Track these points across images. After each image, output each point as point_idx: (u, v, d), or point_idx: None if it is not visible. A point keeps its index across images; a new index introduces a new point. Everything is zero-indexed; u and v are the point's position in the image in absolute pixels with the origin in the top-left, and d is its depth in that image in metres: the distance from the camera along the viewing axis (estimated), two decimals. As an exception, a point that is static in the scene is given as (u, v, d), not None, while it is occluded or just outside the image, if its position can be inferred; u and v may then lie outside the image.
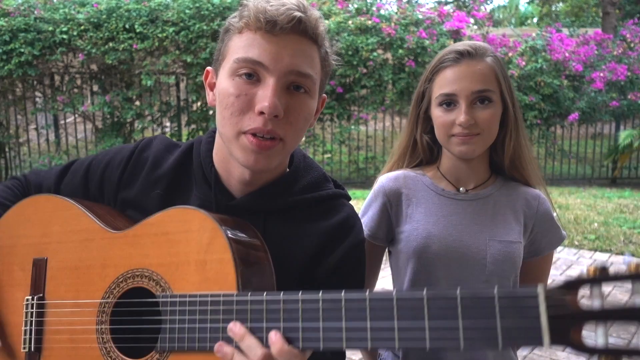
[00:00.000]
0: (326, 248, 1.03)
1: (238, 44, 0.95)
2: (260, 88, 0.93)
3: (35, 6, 7.26)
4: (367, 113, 7.99)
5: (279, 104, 0.92)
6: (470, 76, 1.25)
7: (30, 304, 1.05)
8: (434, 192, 1.35)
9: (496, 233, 1.31)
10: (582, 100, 8.03)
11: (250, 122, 0.93)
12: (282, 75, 0.93)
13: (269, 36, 0.92)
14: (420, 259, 1.30)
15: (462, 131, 1.24)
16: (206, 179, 1.05)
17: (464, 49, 1.26)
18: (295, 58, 0.93)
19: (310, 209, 1.06)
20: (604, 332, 0.71)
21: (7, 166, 7.92)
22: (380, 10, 8.16)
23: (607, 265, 0.74)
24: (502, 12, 25.49)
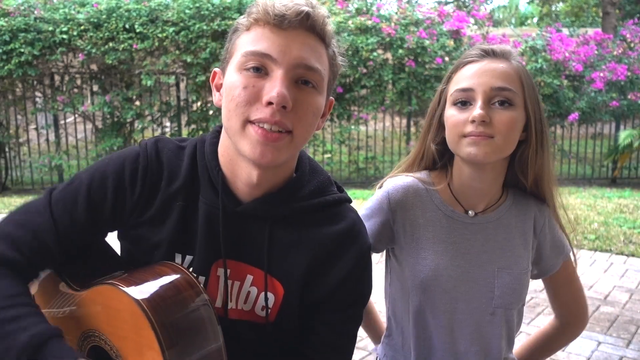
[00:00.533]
0: (332, 256, 1.03)
1: (246, 39, 0.95)
2: (268, 81, 0.92)
3: (35, 6, 7.25)
4: (367, 113, 7.99)
5: (287, 94, 0.91)
6: (491, 72, 1.15)
7: None
8: (443, 213, 1.25)
9: (505, 263, 1.24)
10: (582, 100, 8.03)
11: (258, 112, 0.92)
12: (290, 68, 0.92)
13: (277, 30, 0.93)
14: (427, 290, 1.24)
15: (474, 129, 1.12)
16: (212, 184, 1.02)
17: (489, 48, 1.18)
18: (303, 51, 0.93)
19: (316, 215, 1.04)
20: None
21: (7, 166, 7.92)
22: (380, 10, 8.15)
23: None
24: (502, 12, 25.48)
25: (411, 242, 1.26)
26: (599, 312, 3.54)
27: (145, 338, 0.87)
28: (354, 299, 1.06)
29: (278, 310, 1.03)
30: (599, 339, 3.16)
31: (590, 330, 3.26)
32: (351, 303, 1.05)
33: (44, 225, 0.97)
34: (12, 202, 6.71)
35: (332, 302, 1.04)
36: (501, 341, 1.28)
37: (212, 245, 1.01)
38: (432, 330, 1.28)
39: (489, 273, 1.24)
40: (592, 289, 3.93)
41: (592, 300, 3.72)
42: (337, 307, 1.04)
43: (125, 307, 0.89)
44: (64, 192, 1.00)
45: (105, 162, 1.03)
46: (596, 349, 3.04)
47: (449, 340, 1.27)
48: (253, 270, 1.02)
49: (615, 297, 3.80)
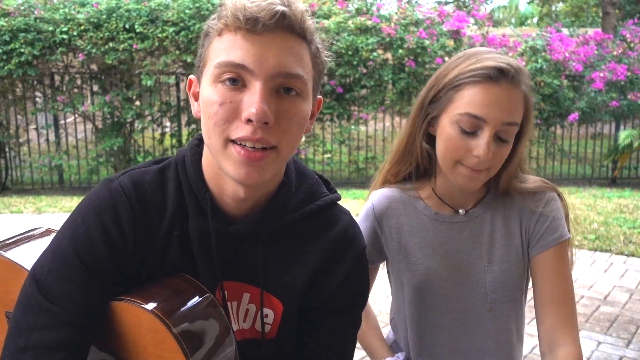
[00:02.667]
0: (329, 263, 1.00)
1: (218, 47, 0.86)
2: (246, 93, 0.84)
3: (35, 6, 7.25)
4: (367, 113, 7.98)
5: (267, 109, 0.83)
6: (506, 104, 1.09)
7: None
8: (427, 217, 1.25)
9: (495, 256, 1.23)
10: (582, 100, 8.03)
11: (238, 130, 0.84)
12: (269, 78, 0.84)
13: (251, 36, 0.83)
14: (421, 294, 1.25)
15: (475, 164, 1.11)
16: (200, 207, 0.95)
17: (507, 68, 1.10)
18: (281, 58, 0.84)
19: (309, 223, 1.00)
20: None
21: (7, 166, 7.92)
22: (380, 10, 8.14)
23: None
24: (502, 12, 25.48)
25: (399, 250, 1.27)
26: (598, 312, 3.54)
27: (168, 350, 0.86)
28: (353, 302, 1.04)
29: (279, 325, 1.01)
30: (599, 339, 3.16)
31: (590, 330, 3.26)
32: (350, 305, 1.04)
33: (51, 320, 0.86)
34: (12, 202, 6.71)
35: (330, 306, 1.02)
36: (509, 336, 1.27)
37: (210, 267, 0.97)
38: (431, 332, 1.28)
39: (480, 269, 1.23)
40: (592, 289, 3.94)
41: (592, 300, 3.72)
42: (336, 311, 1.02)
43: (144, 322, 0.87)
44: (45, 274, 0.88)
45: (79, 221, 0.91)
46: (596, 349, 3.04)
47: (450, 340, 1.27)
48: (249, 288, 0.99)
49: (615, 297, 3.80)
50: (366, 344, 1.38)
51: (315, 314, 1.02)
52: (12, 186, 7.98)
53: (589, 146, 8.98)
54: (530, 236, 1.23)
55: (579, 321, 3.45)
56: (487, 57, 1.12)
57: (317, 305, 1.01)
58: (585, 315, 3.49)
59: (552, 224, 1.21)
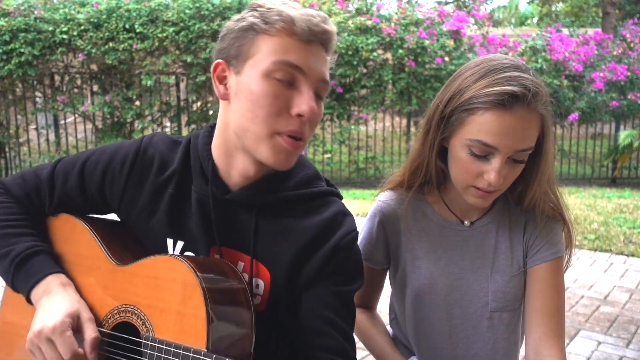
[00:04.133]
0: (315, 243, 1.04)
1: (272, 45, 0.97)
2: (296, 92, 0.98)
3: (35, 6, 7.25)
4: (367, 113, 7.99)
5: (317, 108, 0.99)
6: (519, 132, 1.06)
7: None
8: (434, 222, 1.26)
9: (498, 266, 1.24)
10: (582, 100, 8.03)
11: (287, 123, 0.98)
12: (315, 83, 0.99)
13: (304, 44, 0.97)
14: (423, 298, 1.26)
15: (487, 187, 1.11)
16: (203, 173, 1.07)
17: (522, 93, 1.05)
18: (323, 67, 1.01)
19: (302, 205, 1.08)
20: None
21: (7, 166, 7.92)
22: (380, 10, 8.15)
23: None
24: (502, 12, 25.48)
25: (405, 252, 1.28)
26: (599, 312, 3.54)
27: (192, 307, 0.92)
28: (341, 277, 1.05)
29: (268, 296, 1.05)
30: (599, 339, 3.16)
31: (590, 330, 3.26)
32: (338, 280, 1.05)
33: (45, 178, 1.15)
34: (12, 202, 6.71)
35: (319, 279, 1.04)
36: (506, 345, 1.28)
37: (206, 231, 1.06)
38: (431, 336, 1.29)
39: (482, 278, 1.24)
40: (592, 289, 3.94)
41: (592, 301, 3.72)
42: (325, 284, 1.04)
43: (179, 275, 0.95)
44: (70, 158, 1.16)
45: (110, 145, 1.16)
46: (596, 349, 3.04)
47: (449, 345, 1.28)
48: (243, 256, 1.06)
49: (615, 297, 3.80)
50: (377, 351, 1.37)
51: (305, 288, 1.05)
52: (12, 186, 7.97)
53: (589, 146, 8.98)
54: (528, 248, 1.25)
55: (579, 321, 3.44)
56: (502, 78, 1.07)
57: (306, 279, 1.05)
58: (585, 315, 3.49)
59: (551, 240, 1.23)
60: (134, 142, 1.14)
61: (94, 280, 1.08)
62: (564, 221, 1.26)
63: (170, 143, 1.13)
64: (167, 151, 1.12)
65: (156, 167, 1.10)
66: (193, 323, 0.91)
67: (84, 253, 1.11)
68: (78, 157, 1.16)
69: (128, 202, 1.12)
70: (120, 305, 1.03)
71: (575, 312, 3.53)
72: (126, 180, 1.11)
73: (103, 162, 1.12)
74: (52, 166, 1.17)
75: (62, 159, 1.18)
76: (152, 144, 1.12)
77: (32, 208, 1.16)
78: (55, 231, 1.16)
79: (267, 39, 0.98)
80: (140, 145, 1.12)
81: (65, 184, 1.14)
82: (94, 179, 1.12)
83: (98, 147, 1.18)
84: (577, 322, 3.37)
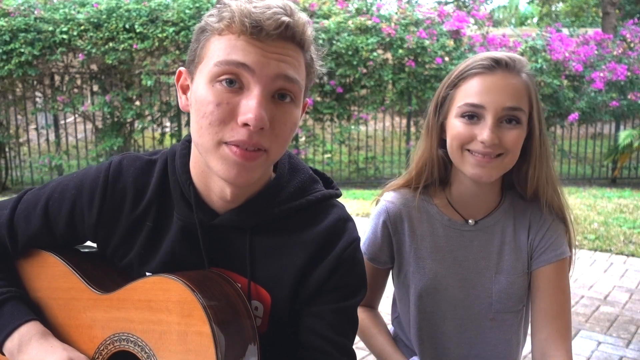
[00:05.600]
0: (316, 256, 0.99)
1: (218, 46, 0.87)
2: (243, 97, 0.85)
3: (35, 6, 7.25)
4: (367, 113, 7.99)
5: (265, 115, 0.85)
6: (504, 89, 1.10)
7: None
8: (439, 223, 1.26)
9: (502, 267, 1.24)
10: (582, 100, 8.03)
11: (233, 133, 0.86)
12: (268, 83, 0.86)
13: (253, 41, 0.85)
14: (427, 298, 1.26)
15: (483, 150, 1.11)
16: (185, 199, 0.98)
17: (502, 58, 1.12)
18: (282, 63, 0.87)
19: (298, 216, 1.00)
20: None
21: (7, 166, 7.92)
22: (380, 10, 8.15)
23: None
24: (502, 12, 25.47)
25: (409, 252, 1.28)
26: (598, 312, 3.54)
27: (194, 325, 0.87)
28: (344, 291, 1.01)
29: (268, 318, 1.01)
30: (599, 339, 3.16)
31: (590, 330, 3.26)
32: (341, 296, 1.00)
33: (4, 222, 1.05)
34: (12, 202, 6.71)
35: (321, 295, 0.99)
36: (509, 347, 1.28)
37: (195, 257, 0.99)
38: (434, 336, 1.29)
39: (486, 279, 1.25)
40: (592, 289, 3.94)
41: (592, 300, 3.72)
42: (327, 300, 0.99)
43: (173, 295, 0.90)
44: (31, 197, 1.06)
45: (74, 175, 1.05)
46: (596, 349, 3.04)
47: (452, 345, 1.28)
48: (239, 278, 1.00)
49: (615, 297, 3.80)
50: (378, 351, 1.36)
51: (307, 304, 1.00)
52: (12, 186, 7.97)
53: (589, 146, 8.98)
54: (533, 250, 1.25)
55: (579, 321, 3.44)
56: (483, 53, 1.16)
57: (308, 295, 1.00)
58: (585, 315, 3.49)
59: (555, 242, 1.24)
60: (99, 171, 1.02)
61: (75, 313, 1.00)
62: (565, 222, 1.27)
63: (143, 165, 1.02)
64: (140, 176, 1.01)
65: (130, 199, 1.00)
66: (198, 340, 0.87)
67: (60, 286, 1.02)
68: (39, 195, 1.04)
69: (102, 239, 1.03)
70: (112, 335, 0.96)
71: (575, 312, 3.53)
72: (97, 218, 1.00)
73: (68, 200, 1.01)
74: (11, 207, 1.06)
75: (22, 197, 1.07)
76: (122, 172, 1.01)
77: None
78: (24, 267, 1.07)
79: (216, 41, 0.87)
80: (109, 174, 1.01)
81: (27, 227, 1.04)
82: (60, 219, 1.02)
83: (60, 180, 1.05)
84: (577, 322, 3.37)
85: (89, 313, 0.99)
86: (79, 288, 1.01)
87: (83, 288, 1.00)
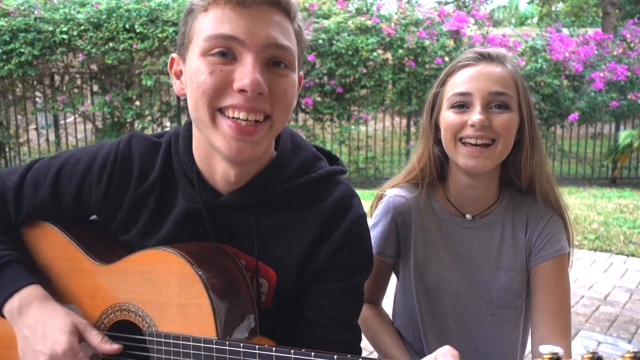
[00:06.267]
0: (322, 234, 0.99)
1: (205, 22, 0.87)
2: (237, 66, 0.85)
3: (35, 6, 7.25)
4: (367, 113, 7.98)
5: (261, 79, 0.84)
6: (488, 76, 1.15)
7: None
8: (441, 218, 1.28)
9: (502, 263, 1.25)
10: (582, 100, 8.02)
11: (228, 98, 0.85)
12: (260, 50, 0.85)
13: (239, 9, 0.85)
14: (428, 293, 1.28)
15: (474, 134, 1.14)
16: (188, 179, 0.99)
17: (484, 51, 1.18)
18: (271, 30, 0.86)
19: (303, 194, 1.00)
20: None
21: (7, 165, 7.92)
22: (380, 10, 8.15)
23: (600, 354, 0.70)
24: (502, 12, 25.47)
25: (413, 247, 1.29)
26: (599, 312, 3.54)
27: (193, 297, 0.89)
28: (350, 269, 1.01)
29: (273, 295, 1.01)
30: (599, 338, 3.16)
31: (590, 330, 3.26)
32: (347, 273, 1.01)
33: (12, 186, 1.05)
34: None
35: (327, 272, 1.00)
36: (507, 343, 1.29)
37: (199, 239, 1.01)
38: (436, 330, 1.30)
39: (486, 275, 1.26)
40: (592, 289, 3.94)
41: (592, 300, 3.72)
42: (333, 278, 1.00)
43: (172, 267, 0.91)
44: (42, 165, 1.06)
45: (87, 149, 1.06)
46: (596, 349, 3.04)
47: (454, 340, 1.29)
48: (244, 256, 1.01)
49: (615, 297, 3.80)
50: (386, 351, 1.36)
51: (313, 282, 1.01)
52: (12, 186, 7.97)
53: (589, 146, 8.98)
54: (531, 247, 1.26)
55: (579, 321, 3.44)
56: (467, 52, 1.22)
57: (314, 273, 1.00)
58: (585, 315, 3.49)
59: (553, 237, 1.24)
60: (111, 147, 1.04)
61: (76, 282, 1.02)
62: (563, 217, 1.28)
63: (150, 146, 1.04)
64: (147, 156, 1.03)
65: (136, 176, 1.02)
66: (198, 313, 0.89)
67: (59, 256, 1.04)
68: (50, 164, 1.05)
69: (107, 213, 1.05)
70: (113, 305, 0.98)
71: (575, 312, 3.53)
72: (105, 192, 1.03)
73: (79, 172, 1.03)
74: (21, 174, 1.06)
75: (33, 165, 1.07)
76: (130, 151, 1.03)
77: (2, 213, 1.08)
78: (24, 236, 1.09)
79: (202, 17, 0.88)
80: (118, 152, 1.03)
81: (35, 195, 1.05)
82: (69, 190, 1.04)
83: (72, 153, 1.07)
84: (577, 322, 3.37)
85: (90, 282, 1.01)
86: (79, 258, 1.02)
87: (82, 258, 1.02)
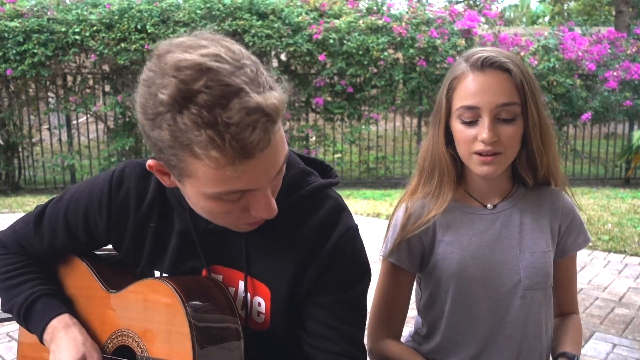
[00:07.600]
0: (312, 251, 1.00)
1: (207, 175, 0.83)
2: (250, 198, 0.88)
3: (48, 7, 7.31)
4: (378, 113, 7.96)
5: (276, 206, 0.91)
6: (495, 88, 1.18)
7: None
8: (460, 210, 1.33)
9: (526, 245, 1.30)
10: (595, 99, 7.95)
11: (249, 218, 0.92)
12: (270, 184, 0.89)
13: (246, 161, 0.83)
14: (458, 283, 1.29)
15: (484, 148, 1.19)
16: (181, 204, 1.02)
17: (489, 56, 1.20)
18: (278, 164, 0.88)
19: (292, 212, 1.00)
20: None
21: (21, 166, 7.99)
22: (391, 10, 8.12)
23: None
24: (514, 11, 25.32)
25: (437, 243, 1.32)
26: (613, 314, 3.50)
27: (177, 325, 0.96)
28: (343, 283, 1.01)
29: (270, 314, 1.02)
30: (614, 341, 3.13)
31: (605, 332, 3.23)
32: (340, 288, 1.01)
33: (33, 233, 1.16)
34: (26, 201, 6.78)
35: (320, 288, 1.00)
36: (536, 327, 1.31)
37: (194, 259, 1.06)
38: (466, 320, 1.31)
39: (512, 257, 1.29)
40: (606, 291, 3.89)
41: (607, 302, 3.68)
42: (326, 292, 1.00)
43: (163, 297, 0.99)
44: (52, 210, 1.15)
45: (84, 185, 1.14)
46: (611, 352, 3.00)
47: (486, 327, 1.30)
48: (237, 274, 1.04)
49: (630, 298, 3.75)
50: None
51: (308, 296, 1.02)
52: (25, 186, 8.05)
53: (602, 146, 8.90)
54: (561, 236, 1.35)
55: (593, 323, 3.40)
56: (474, 52, 1.24)
57: (307, 289, 1.01)
58: (600, 317, 3.45)
59: (581, 228, 1.37)
60: (105, 179, 1.10)
61: (91, 309, 1.14)
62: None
63: (143, 171, 1.07)
64: (141, 182, 1.07)
65: (134, 201, 1.07)
66: (180, 340, 0.96)
67: (82, 284, 1.17)
68: (58, 208, 1.14)
69: (115, 241, 1.13)
70: (117, 330, 1.08)
71: (589, 313, 3.50)
72: (107, 222, 1.09)
73: (82, 210, 1.11)
74: (35, 221, 1.16)
75: (43, 210, 1.16)
76: (124, 179, 1.08)
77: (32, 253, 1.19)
78: (58, 268, 1.22)
79: (202, 166, 0.80)
80: (112, 183, 1.08)
81: (55, 238, 1.15)
82: (79, 227, 1.12)
83: (73, 192, 1.14)
84: (592, 324, 3.33)
85: (101, 309, 1.12)
86: (95, 287, 1.14)
87: (97, 287, 1.14)
